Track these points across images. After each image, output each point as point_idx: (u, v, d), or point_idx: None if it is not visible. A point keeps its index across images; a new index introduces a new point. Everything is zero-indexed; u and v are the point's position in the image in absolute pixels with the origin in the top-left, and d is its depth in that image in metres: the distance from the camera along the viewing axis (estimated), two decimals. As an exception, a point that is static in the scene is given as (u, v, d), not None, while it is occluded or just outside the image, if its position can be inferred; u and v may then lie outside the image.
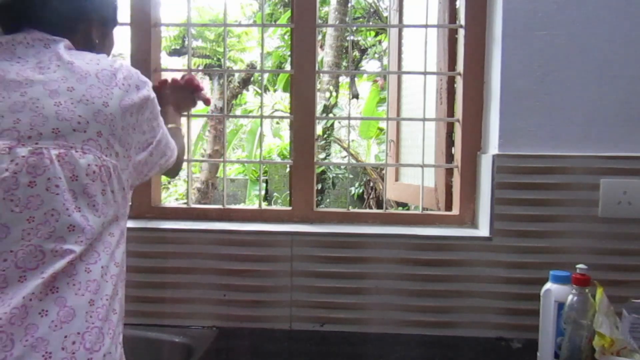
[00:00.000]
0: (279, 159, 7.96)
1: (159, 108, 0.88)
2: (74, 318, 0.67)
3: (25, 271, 0.66)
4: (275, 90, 9.77)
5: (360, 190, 7.36)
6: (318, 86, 4.41)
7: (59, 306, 0.66)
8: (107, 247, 0.74)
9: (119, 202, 0.78)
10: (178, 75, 1.25)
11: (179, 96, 1.22)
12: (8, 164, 0.67)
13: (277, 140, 9.00)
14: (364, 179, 7.28)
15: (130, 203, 0.85)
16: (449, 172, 1.43)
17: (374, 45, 9.89)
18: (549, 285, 1.02)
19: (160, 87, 1.21)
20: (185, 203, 1.43)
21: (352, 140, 8.08)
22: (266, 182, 8.33)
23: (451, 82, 1.48)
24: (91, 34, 0.87)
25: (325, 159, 6.87)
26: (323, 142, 6.77)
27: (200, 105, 1.32)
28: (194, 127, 5.44)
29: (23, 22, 0.79)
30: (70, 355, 0.65)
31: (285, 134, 8.84)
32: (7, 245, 0.66)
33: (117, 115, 0.75)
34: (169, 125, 1.12)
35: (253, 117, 2.46)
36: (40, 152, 0.69)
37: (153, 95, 0.85)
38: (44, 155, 0.69)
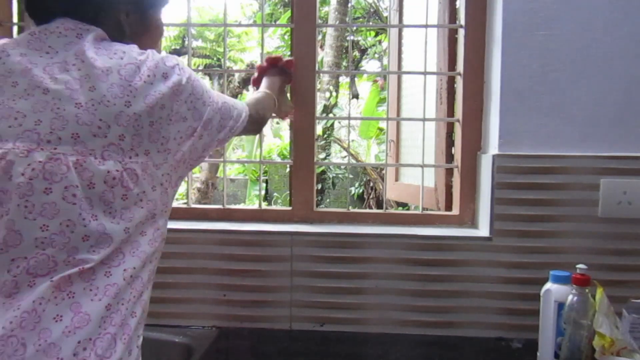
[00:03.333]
0: (279, 159, 7.95)
1: (200, 85, 0.80)
2: (89, 324, 0.66)
3: (35, 277, 0.65)
4: (275, 90, 9.75)
5: (360, 190, 7.36)
6: (318, 86, 4.41)
7: (74, 312, 0.65)
8: (135, 248, 0.72)
9: (155, 200, 0.74)
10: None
11: (281, 77, 1.28)
12: (24, 168, 0.66)
13: (277, 140, 9.00)
14: (364, 179, 7.27)
15: (173, 198, 0.82)
16: (449, 172, 1.43)
17: (374, 45, 9.89)
18: (549, 285, 1.02)
19: (276, 60, 1.28)
20: (185, 203, 1.43)
21: (352, 140, 8.08)
22: (266, 182, 8.32)
23: (451, 82, 1.48)
24: (120, 21, 0.80)
25: (325, 159, 6.87)
26: (323, 142, 6.77)
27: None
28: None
29: (52, 13, 0.76)
30: None
31: (285, 134, 8.83)
32: (20, 252, 0.65)
33: (142, 113, 0.71)
34: (263, 90, 1.18)
35: (253, 117, 2.45)
36: (57, 158, 0.66)
37: (187, 75, 0.77)
38: (62, 162, 0.66)
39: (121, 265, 0.70)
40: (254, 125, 1.04)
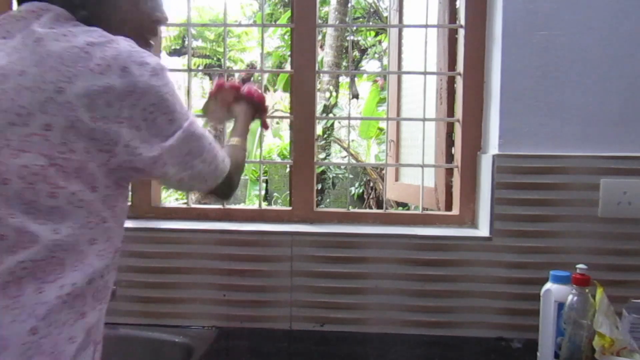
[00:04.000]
0: (279, 159, 7.95)
1: (174, 103, 0.68)
2: (5, 352, 0.55)
3: None
4: (275, 90, 9.77)
5: (360, 190, 7.35)
6: (318, 86, 4.42)
7: None
8: (79, 260, 0.62)
9: (96, 202, 0.64)
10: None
11: (244, 109, 1.07)
12: None
13: (277, 140, 8.99)
14: (364, 179, 7.27)
15: (126, 201, 0.72)
16: (449, 172, 1.43)
17: (374, 45, 9.89)
18: (549, 285, 1.02)
19: (233, 89, 1.09)
20: (185, 203, 1.43)
21: (352, 140, 8.07)
22: (266, 182, 8.32)
23: (451, 82, 1.48)
24: None
25: (325, 159, 6.87)
26: (323, 142, 6.77)
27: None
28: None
29: None
30: None
31: (285, 134, 8.83)
32: None
33: (77, 103, 0.60)
34: (232, 141, 0.98)
35: (253, 117, 2.45)
36: None
37: (159, 83, 0.65)
38: None
39: (58, 280, 0.60)
40: (228, 185, 0.85)
